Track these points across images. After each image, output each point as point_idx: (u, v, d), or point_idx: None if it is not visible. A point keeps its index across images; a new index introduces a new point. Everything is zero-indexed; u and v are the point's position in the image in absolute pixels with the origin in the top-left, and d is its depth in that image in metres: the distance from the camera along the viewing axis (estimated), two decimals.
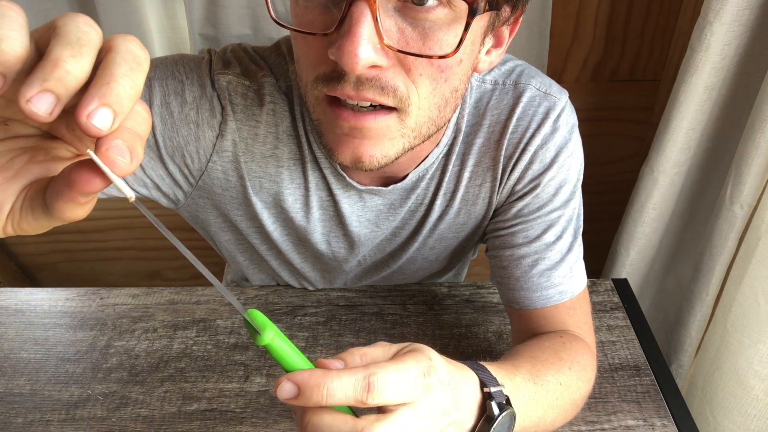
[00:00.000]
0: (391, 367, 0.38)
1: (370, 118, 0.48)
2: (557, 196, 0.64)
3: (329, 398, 0.37)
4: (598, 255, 1.26)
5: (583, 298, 0.67)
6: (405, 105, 0.48)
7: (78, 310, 0.83)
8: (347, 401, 0.37)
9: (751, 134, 0.84)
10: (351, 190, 0.65)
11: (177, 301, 0.84)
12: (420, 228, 0.71)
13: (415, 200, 0.68)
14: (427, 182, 0.67)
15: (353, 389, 0.37)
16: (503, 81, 0.64)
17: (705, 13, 0.86)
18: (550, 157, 0.63)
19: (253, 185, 0.65)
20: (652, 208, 1.07)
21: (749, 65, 0.90)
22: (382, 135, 0.49)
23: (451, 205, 0.68)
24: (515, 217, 0.65)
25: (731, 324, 0.89)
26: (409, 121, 0.49)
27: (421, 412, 0.39)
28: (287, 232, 0.71)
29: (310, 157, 0.64)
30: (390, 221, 0.70)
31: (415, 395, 0.39)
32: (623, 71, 1.30)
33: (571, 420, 0.66)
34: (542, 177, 0.64)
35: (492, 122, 0.64)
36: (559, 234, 0.65)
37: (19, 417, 0.69)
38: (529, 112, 0.63)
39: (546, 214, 0.64)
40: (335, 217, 0.69)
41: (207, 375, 0.73)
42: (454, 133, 0.64)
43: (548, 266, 0.64)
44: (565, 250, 0.65)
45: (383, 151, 0.50)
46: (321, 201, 0.67)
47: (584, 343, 0.64)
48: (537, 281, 0.64)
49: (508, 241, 0.66)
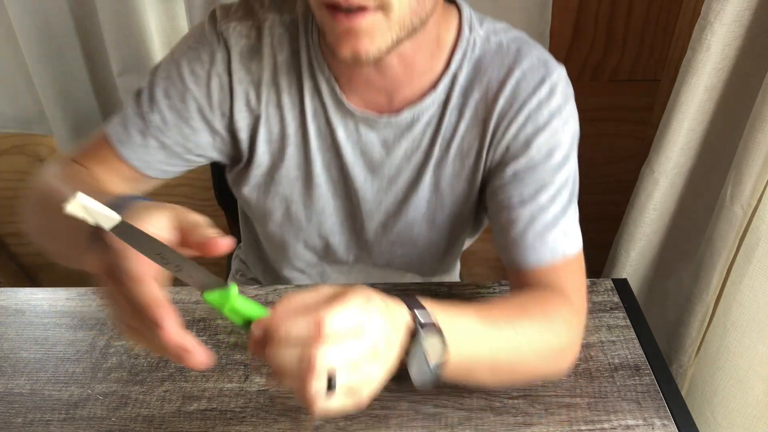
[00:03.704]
0: (336, 304, 0.44)
1: (360, 17, 0.55)
2: (550, 159, 0.67)
3: (287, 337, 0.43)
4: (599, 255, 1.26)
5: (576, 262, 0.69)
6: (387, 2, 0.55)
7: (78, 310, 0.83)
8: (302, 338, 0.43)
9: (752, 134, 0.84)
10: (348, 118, 0.70)
11: (177, 300, 0.84)
12: (417, 179, 0.73)
13: (411, 144, 0.71)
14: (423, 127, 0.70)
15: (306, 326, 0.43)
16: (507, 44, 0.68)
17: (705, 13, 0.86)
18: (543, 120, 0.67)
19: (263, 121, 0.71)
20: (653, 209, 1.07)
21: (749, 65, 0.90)
22: (372, 31, 0.56)
23: (447, 153, 0.71)
24: (511, 178, 0.68)
25: (731, 324, 0.89)
26: (393, 16, 0.56)
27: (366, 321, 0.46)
28: (295, 174, 0.75)
29: (309, 85, 0.69)
30: (384, 165, 0.73)
31: (360, 321, 0.45)
32: (623, 71, 1.30)
33: (571, 419, 0.66)
34: (535, 139, 0.67)
35: (491, 79, 0.67)
36: (553, 197, 0.67)
37: (19, 417, 0.69)
38: (528, 76, 0.67)
39: (539, 175, 0.67)
40: (332, 147, 0.72)
41: (207, 374, 0.73)
42: (451, 81, 0.68)
43: (542, 227, 0.67)
44: (559, 213, 0.67)
45: (376, 44, 0.57)
46: (319, 130, 0.71)
47: (566, 301, 0.66)
48: (531, 242, 0.67)
49: (504, 203, 0.69)
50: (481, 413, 0.68)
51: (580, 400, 0.69)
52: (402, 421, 0.67)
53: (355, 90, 0.68)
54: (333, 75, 0.68)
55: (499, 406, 0.69)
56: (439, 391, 0.70)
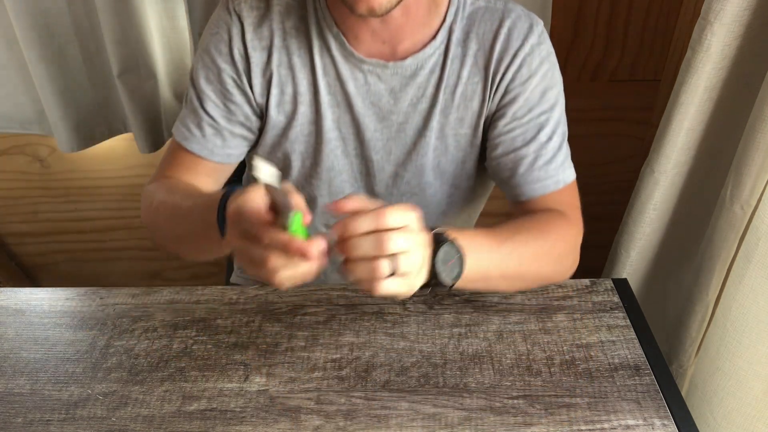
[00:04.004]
0: (390, 207, 0.54)
1: None
2: (543, 99, 0.77)
3: (360, 229, 0.53)
4: (599, 255, 1.26)
5: (572, 187, 0.80)
6: None
7: (78, 310, 0.83)
8: (372, 230, 0.53)
9: (752, 134, 0.84)
10: (357, 70, 0.77)
11: (177, 300, 0.84)
12: (423, 126, 0.79)
13: (416, 91, 0.78)
14: (427, 75, 0.77)
15: (374, 220, 0.53)
16: (494, 1, 0.78)
17: (705, 13, 0.86)
18: (535, 65, 0.76)
19: (275, 83, 0.78)
20: (653, 209, 1.07)
21: (749, 65, 0.90)
22: None
23: (452, 99, 0.78)
24: (511, 120, 0.77)
25: (731, 324, 0.89)
26: None
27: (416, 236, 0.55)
28: (307, 130, 0.80)
29: (318, 44, 0.76)
30: (393, 113, 0.79)
31: (409, 219, 0.55)
32: (623, 71, 1.30)
33: (571, 419, 0.67)
34: (529, 82, 0.76)
35: (485, 31, 0.77)
36: (550, 135, 0.78)
37: (19, 417, 0.69)
38: (517, 25, 0.76)
39: (536, 116, 0.77)
40: (344, 101, 0.79)
41: (207, 374, 0.73)
42: (448, 33, 0.76)
43: (545, 161, 0.77)
44: (556, 148, 0.78)
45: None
46: (329, 86, 0.78)
47: (562, 216, 0.78)
48: (537, 174, 0.78)
49: (510, 146, 0.78)
50: (481, 413, 0.68)
51: (580, 400, 0.69)
52: (402, 421, 0.67)
53: (362, 42, 0.75)
54: (341, 31, 0.75)
55: (499, 406, 0.69)
56: (439, 391, 0.70)
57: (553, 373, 0.72)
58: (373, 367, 0.74)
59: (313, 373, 0.73)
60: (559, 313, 0.80)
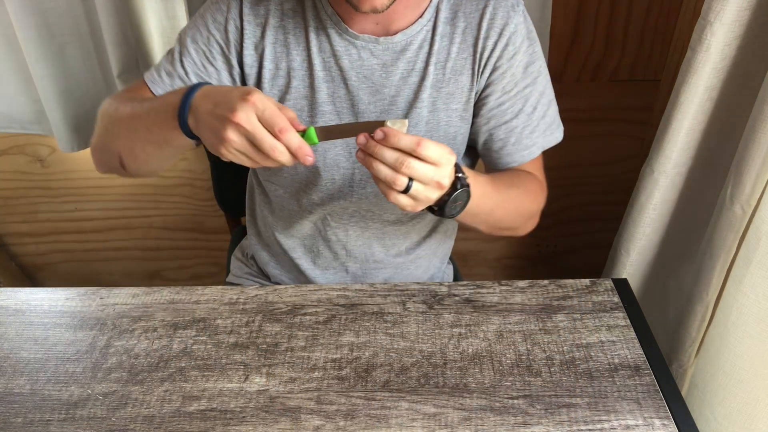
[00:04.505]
0: (431, 141, 0.62)
1: None
2: (527, 73, 0.83)
3: (397, 145, 0.61)
4: (599, 255, 1.26)
5: (541, 155, 0.89)
6: None
7: (78, 310, 0.83)
8: (405, 150, 0.61)
9: (752, 134, 0.84)
10: (351, 46, 0.81)
11: (177, 300, 0.84)
12: (414, 99, 0.83)
13: (406, 65, 0.82)
14: (416, 50, 0.82)
15: (411, 143, 0.61)
16: None
17: (705, 13, 0.86)
18: (519, 42, 0.81)
19: (269, 58, 0.82)
20: (653, 209, 1.07)
21: (749, 65, 0.90)
22: None
23: (444, 73, 0.83)
24: (502, 94, 0.83)
25: (731, 324, 0.89)
26: None
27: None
28: (301, 104, 0.83)
29: (314, 25, 0.81)
30: (385, 86, 0.82)
31: (443, 155, 0.63)
32: (623, 71, 1.30)
33: (571, 419, 0.67)
34: (515, 58, 0.82)
35: (471, 10, 0.81)
36: (535, 105, 0.85)
37: (19, 417, 0.69)
38: (501, 4, 0.81)
39: (522, 89, 0.83)
40: (338, 76, 0.82)
41: (207, 374, 0.73)
42: (435, 11, 0.81)
43: (530, 131, 0.85)
44: (541, 117, 0.86)
45: None
46: (324, 62, 0.82)
47: (540, 183, 0.89)
48: (525, 143, 0.86)
49: (501, 119, 0.84)
50: (481, 413, 0.68)
51: (580, 400, 0.69)
52: (402, 421, 0.67)
53: (357, 23, 0.80)
54: (336, 12, 0.80)
55: (499, 406, 0.69)
56: (439, 391, 0.70)
57: (553, 373, 0.72)
58: (373, 367, 0.74)
59: (313, 373, 0.73)
60: (559, 313, 0.80)
